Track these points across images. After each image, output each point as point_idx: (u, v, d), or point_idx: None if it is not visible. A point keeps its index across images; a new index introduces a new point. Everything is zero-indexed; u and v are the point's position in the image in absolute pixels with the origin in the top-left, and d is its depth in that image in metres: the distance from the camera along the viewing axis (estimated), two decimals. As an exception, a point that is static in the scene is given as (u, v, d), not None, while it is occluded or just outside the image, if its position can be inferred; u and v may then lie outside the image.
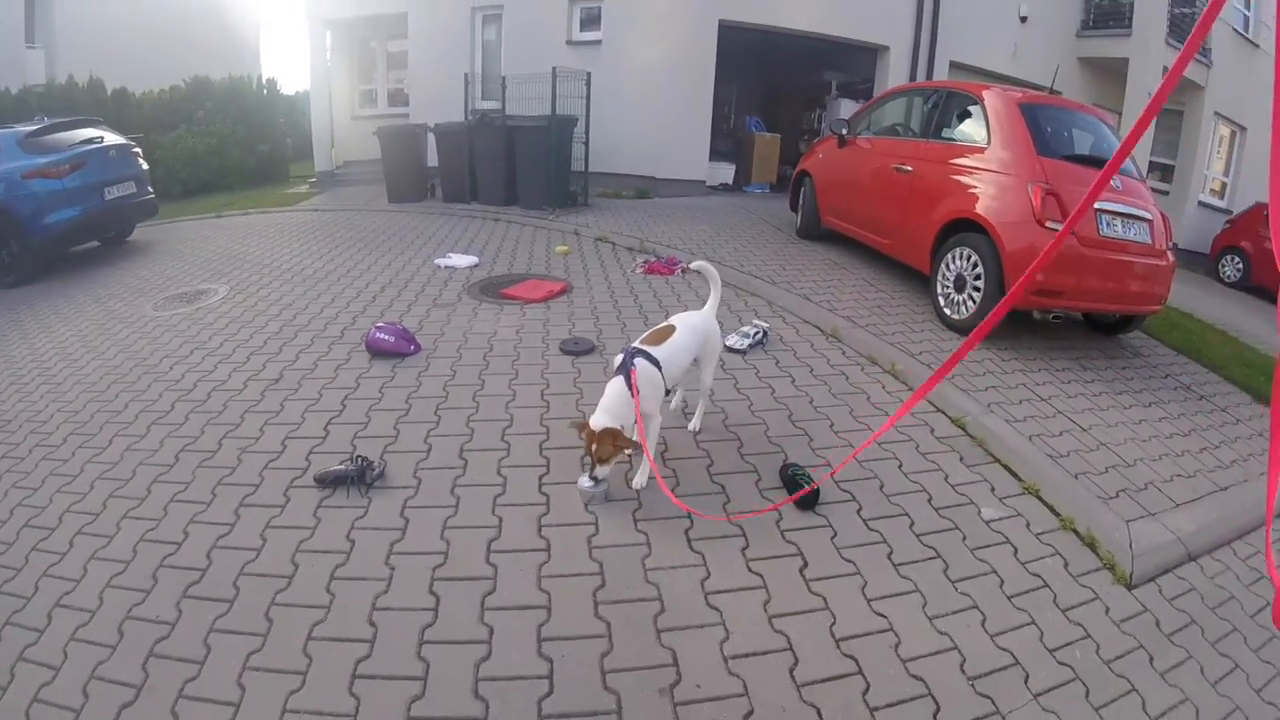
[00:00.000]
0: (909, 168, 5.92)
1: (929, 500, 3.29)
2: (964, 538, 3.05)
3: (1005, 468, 3.61)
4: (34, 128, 8.08)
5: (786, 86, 13.21)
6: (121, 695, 2.30)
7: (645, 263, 6.71)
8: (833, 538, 2.98)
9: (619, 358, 3.15)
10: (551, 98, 8.96)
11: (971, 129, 5.60)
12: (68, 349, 5.45)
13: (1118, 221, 4.98)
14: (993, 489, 3.44)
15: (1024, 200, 4.85)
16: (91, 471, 3.65)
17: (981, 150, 5.35)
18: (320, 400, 4.10)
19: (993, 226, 4.96)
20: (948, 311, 5.40)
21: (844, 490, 3.29)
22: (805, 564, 2.82)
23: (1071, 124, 5.53)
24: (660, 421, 3.27)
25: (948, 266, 5.38)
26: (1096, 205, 4.86)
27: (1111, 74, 13.32)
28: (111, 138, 8.62)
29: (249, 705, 2.24)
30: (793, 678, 2.32)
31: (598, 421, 2.97)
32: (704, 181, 10.63)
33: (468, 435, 3.69)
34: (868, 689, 2.29)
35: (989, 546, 3.02)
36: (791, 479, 3.31)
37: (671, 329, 3.35)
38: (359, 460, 3.32)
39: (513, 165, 9.34)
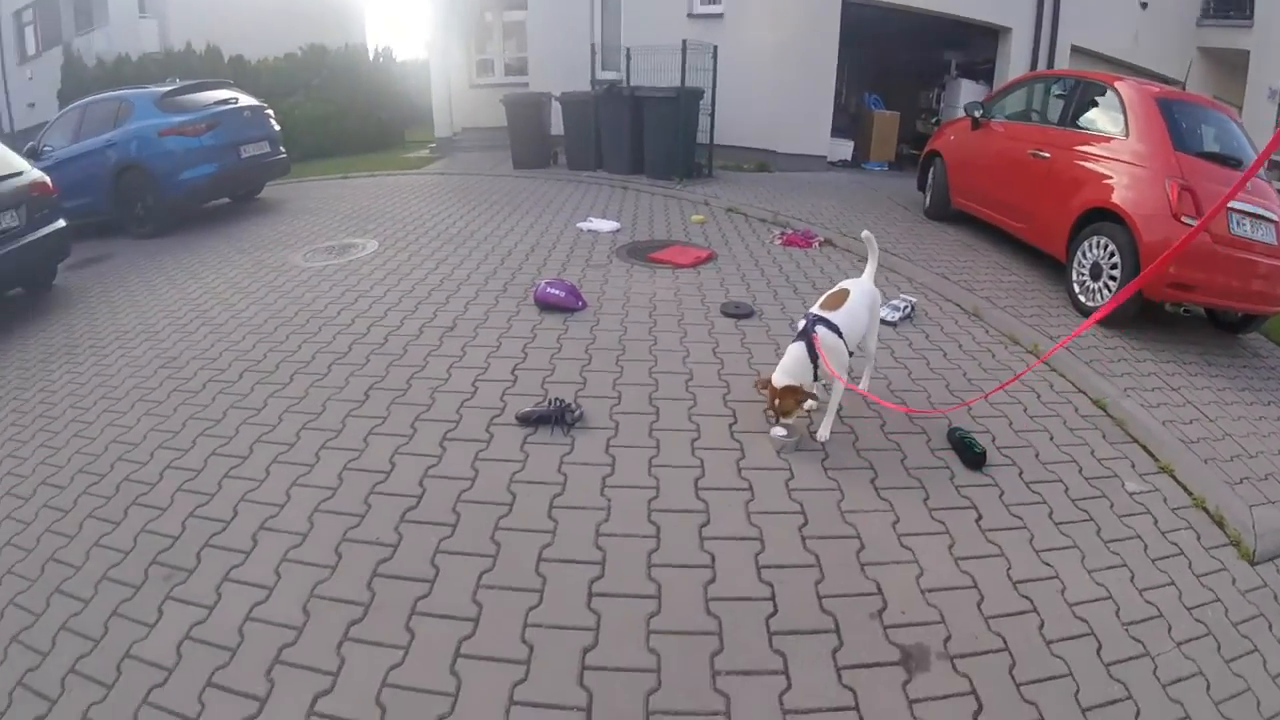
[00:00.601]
0: (1046, 154, 6.02)
1: (1079, 470, 3.52)
2: (1111, 505, 3.29)
3: (1143, 447, 3.80)
4: (170, 88, 8.65)
5: (902, 63, 13.12)
6: (348, 613, 2.47)
7: (782, 234, 6.96)
8: (1000, 495, 3.25)
9: (800, 323, 3.44)
10: (681, 70, 9.24)
11: (1108, 120, 5.69)
12: (223, 295, 5.79)
13: (1246, 221, 5.02)
14: (1133, 465, 3.63)
15: (1161, 194, 4.95)
16: (275, 405, 3.91)
17: (1119, 142, 5.45)
18: (500, 348, 4.47)
19: (1131, 218, 5.05)
20: (1083, 298, 5.51)
21: (1005, 456, 3.56)
22: (979, 516, 3.10)
23: (1204, 121, 5.58)
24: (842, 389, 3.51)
25: (1084, 254, 5.47)
26: (1244, 207, 4.95)
27: (1231, 66, 12.90)
28: (245, 99, 9.19)
29: (489, 619, 2.43)
30: (980, 610, 2.59)
31: (778, 380, 3.28)
32: (824, 157, 10.74)
33: (653, 385, 4.01)
34: (1042, 625, 2.57)
35: (1132, 515, 3.24)
36: (960, 441, 3.57)
37: (845, 293, 3.53)
38: (557, 402, 3.63)
39: (639, 135, 9.69)
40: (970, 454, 3.49)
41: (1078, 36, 11.54)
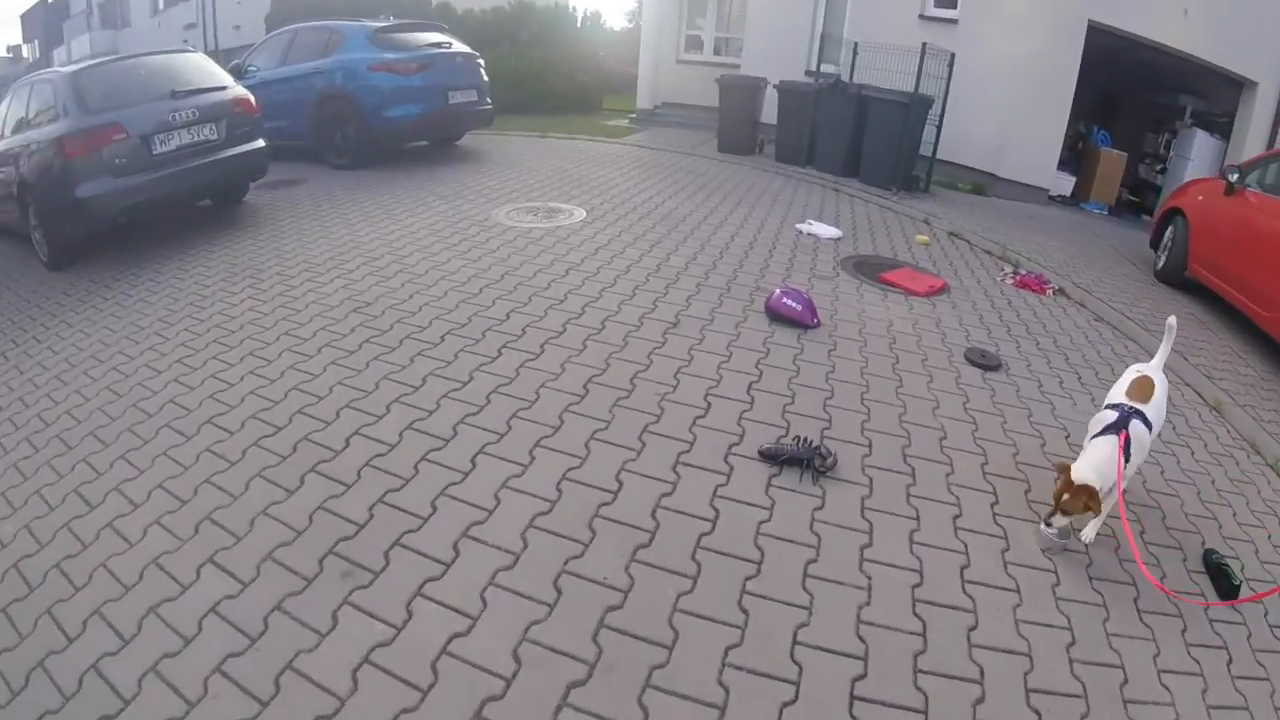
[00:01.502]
0: None
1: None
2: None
3: None
4: (384, 24, 8.74)
5: (1130, 100, 12.20)
6: (571, 671, 2.14)
7: (1015, 275, 6.50)
8: (1248, 637, 2.86)
9: (1109, 413, 3.06)
10: (916, 74, 8.71)
11: None
12: (423, 242, 5.72)
13: None
14: None
15: None
16: (483, 382, 3.71)
17: None
18: (731, 358, 4.18)
19: None
20: None
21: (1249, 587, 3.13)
22: (1230, 659, 2.71)
23: None
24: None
25: None
26: None
27: None
28: (459, 45, 9.22)
29: (734, 711, 2.08)
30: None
31: (1081, 474, 2.89)
32: (1046, 190, 10.06)
33: (904, 438, 3.67)
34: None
35: None
36: (1217, 567, 3.25)
37: (1150, 383, 3.16)
38: (806, 442, 3.31)
39: (858, 136, 9.28)
40: (1227, 584, 3.18)
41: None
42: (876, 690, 2.24)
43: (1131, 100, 12.03)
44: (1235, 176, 6.57)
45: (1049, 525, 3.02)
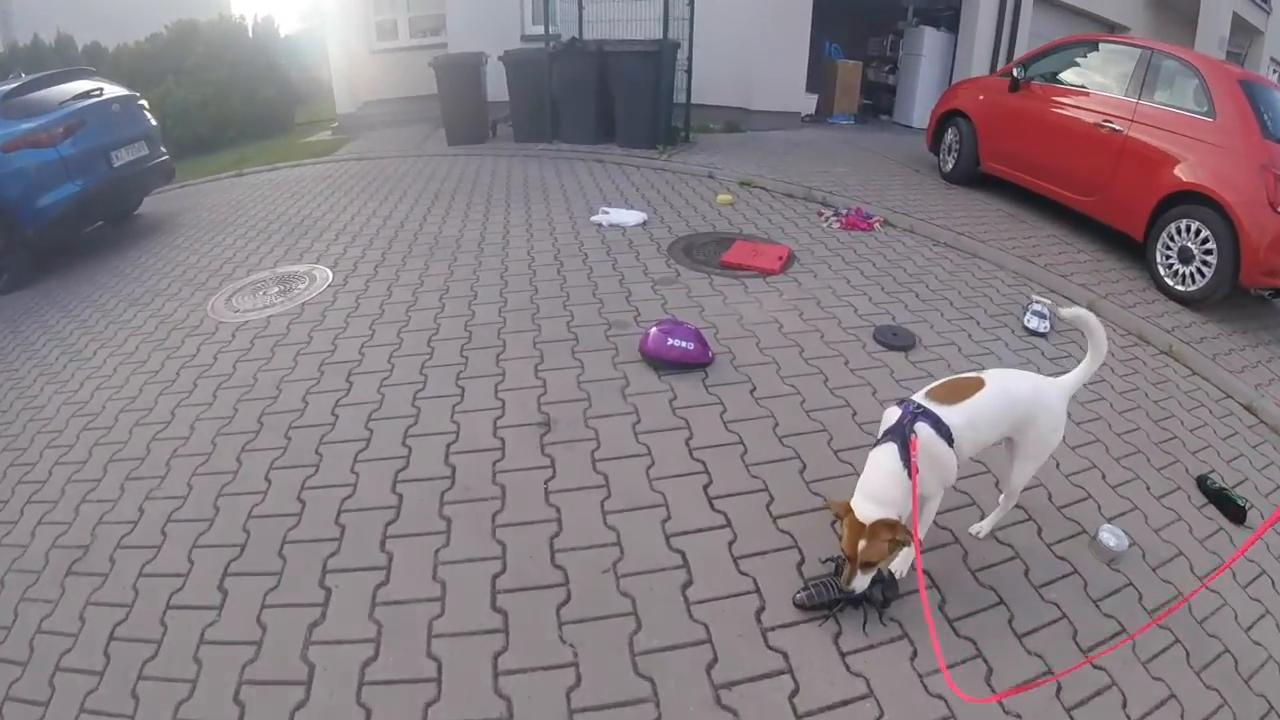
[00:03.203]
0: (1118, 127, 5.62)
1: None
2: None
3: None
4: (13, 86, 6.18)
5: (853, 8, 12.20)
6: None
7: (839, 217, 5.83)
8: None
9: (891, 412, 2.25)
10: (664, 18, 7.71)
11: (1189, 99, 5.39)
12: (126, 390, 3.77)
13: None
14: None
15: (1257, 183, 4.79)
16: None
17: (1205, 123, 5.17)
18: (654, 459, 2.87)
19: (1232, 207, 4.83)
20: (1170, 282, 5.26)
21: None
22: None
23: (1274, 102, 5.34)
24: (939, 503, 2.39)
25: (1170, 238, 5.23)
26: None
27: (1180, 15, 12.68)
28: (112, 89, 6.79)
29: None
30: None
31: (864, 510, 2.06)
32: (799, 114, 9.53)
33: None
34: None
35: None
36: (1218, 493, 3.15)
37: (979, 385, 2.30)
38: (834, 574, 2.30)
39: (606, 98, 8.15)
40: (1233, 508, 3.09)
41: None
42: None
43: (855, 8, 11.97)
44: (1020, 72, 6.65)
45: (846, 593, 2.17)
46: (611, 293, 4.38)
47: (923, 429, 2.15)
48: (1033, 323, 4.39)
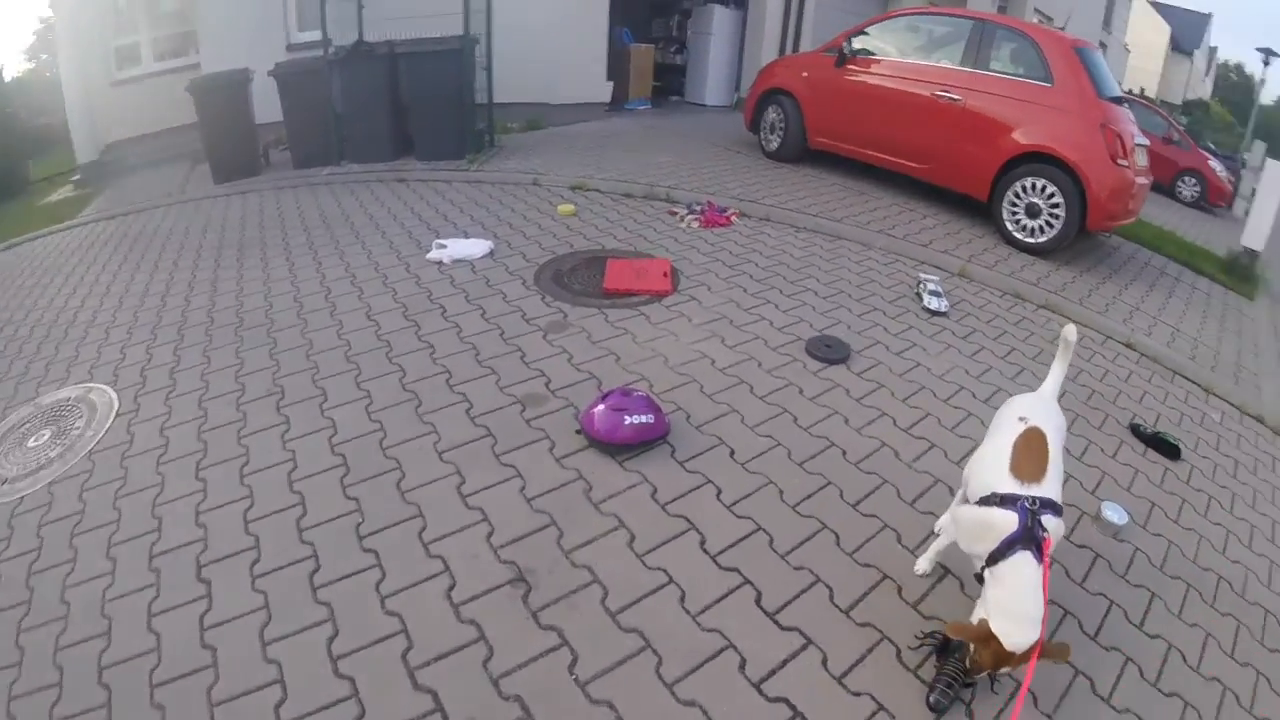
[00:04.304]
0: (957, 97, 5.79)
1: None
2: None
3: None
4: None
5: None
6: None
7: (694, 215, 5.40)
8: None
9: (1000, 515, 1.81)
10: (464, 11, 6.74)
11: (1025, 66, 5.67)
12: None
13: (1140, 151, 5.60)
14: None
15: (1097, 140, 5.19)
16: None
17: (1043, 88, 5.47)
18: (683, 570, 2.27)
19: (1076, 164, 5.19)
20: (1019, 236, 5.57)
21: None
22: None
23: (1100, 64, 5.80)
24: None
25: (1016, 195, 5.53)
26: (1136, 140, 5.54)
27: None
28: None
29: None
30: None
31: (1016, 639, 1.67)
32: (601, 104, 8.98)
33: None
34: None
35: None
36: (1152, 437, 3.47)
37: (1041, 438, 1.95)
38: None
39: (400, 107, 7.16)
40: (1168, 447, 3.44)
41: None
42: None
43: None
44: (848, 47, 6.64)
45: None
46: (498, 354, 3.50)
47: (1052, 522, 1.78)
48: (933, 303, 4.33)
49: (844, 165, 6.86)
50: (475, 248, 4.87)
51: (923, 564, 2.35)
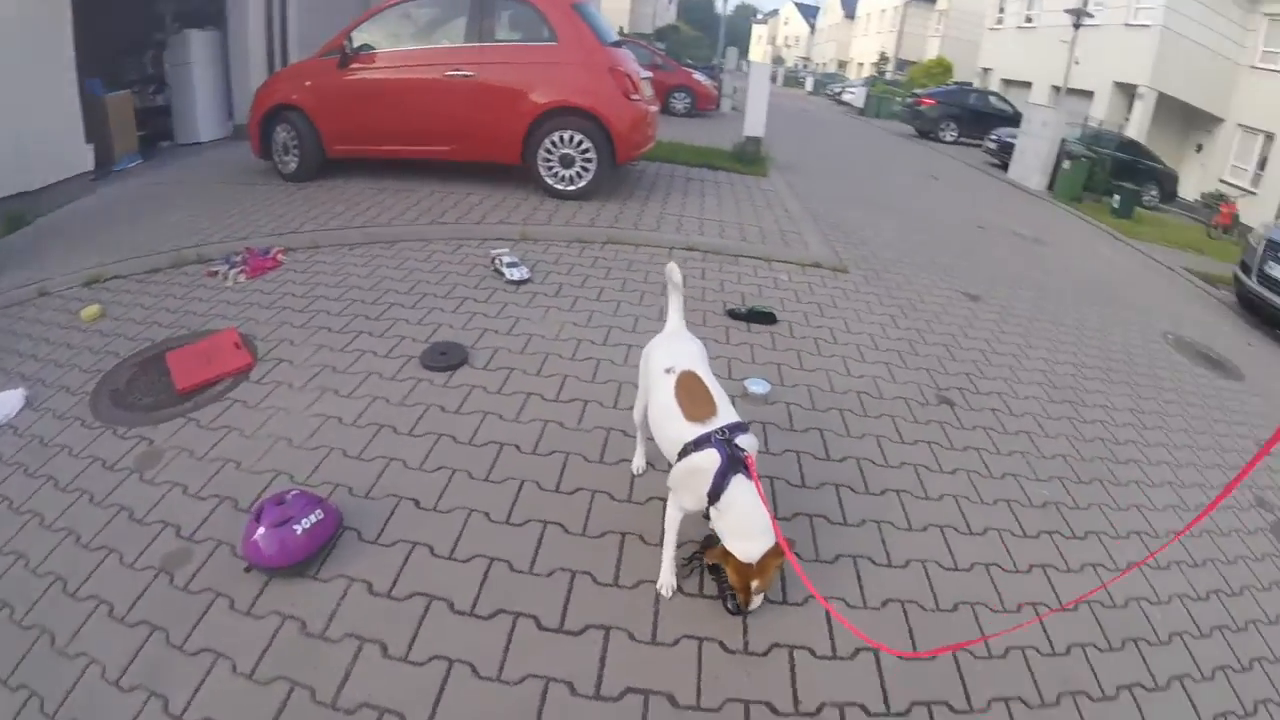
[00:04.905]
0: (469, 72, 6.02)
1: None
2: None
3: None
4: None
5: (93, 31, 9.77)
6: None
7: (235, 268, 4.96)
8: None
9: (706, 453, 2.08)
10: None
11: (529, 30, 6.08)
12: None
13: (645, 84, 6.30)
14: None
15: (609, 84, 5.81)
16: None
17: (550, 47, 5.92)
18: None
19: (598, 110, 5.76)
20: (561, 187, 6.13)
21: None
22: None
23: (595, 14, 6.37)
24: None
25: (548, 151, 6.00)
26: (641, 75, 6.22)
27: None
28: None
29: None
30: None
31: (750, 551, 2.02)
32: (90, 172, 7.46)
33: None
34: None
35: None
36: (751, 311, 4.26)
37: (694, 378, 2.26)
38: None
39: None
40: (768, 317, 4.25)
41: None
42: None
43: (90, 28, 9.70)
44: (349, 46, 6.40)
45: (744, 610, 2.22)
46: (101, 525, 2.82)
47: (745, 439, 2.11)
48: (514, 274, 4.58)
49: (369, 167, 6.80)
50: (3, 405, 4.01)
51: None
